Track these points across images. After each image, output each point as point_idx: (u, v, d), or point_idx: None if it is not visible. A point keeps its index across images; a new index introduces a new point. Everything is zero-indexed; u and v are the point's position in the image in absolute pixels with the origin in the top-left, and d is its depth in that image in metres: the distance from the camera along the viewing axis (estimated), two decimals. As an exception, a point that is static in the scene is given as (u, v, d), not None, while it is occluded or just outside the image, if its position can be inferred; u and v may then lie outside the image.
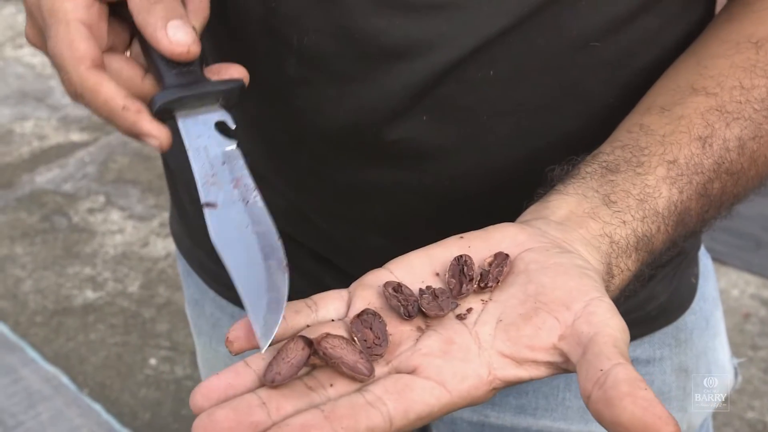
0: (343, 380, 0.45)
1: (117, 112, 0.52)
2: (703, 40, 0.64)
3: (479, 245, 0.52)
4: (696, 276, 0.82)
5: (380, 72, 0.61)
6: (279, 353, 0.45)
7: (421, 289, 0.49)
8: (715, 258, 1.01)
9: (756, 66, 0.60)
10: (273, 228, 0.50)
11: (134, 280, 2.37)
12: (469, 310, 0.49)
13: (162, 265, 2.42)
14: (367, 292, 0.50)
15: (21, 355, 2.13)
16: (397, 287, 0.49)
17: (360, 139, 0.64)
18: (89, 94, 0.52)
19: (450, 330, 0.47)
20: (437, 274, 0.51)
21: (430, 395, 0.44)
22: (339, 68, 0.62)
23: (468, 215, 0.60)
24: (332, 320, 0.49)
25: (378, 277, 0.50)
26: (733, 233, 2.33)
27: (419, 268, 0.51)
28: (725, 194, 0.60)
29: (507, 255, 0.50)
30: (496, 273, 0.49)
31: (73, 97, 0.54)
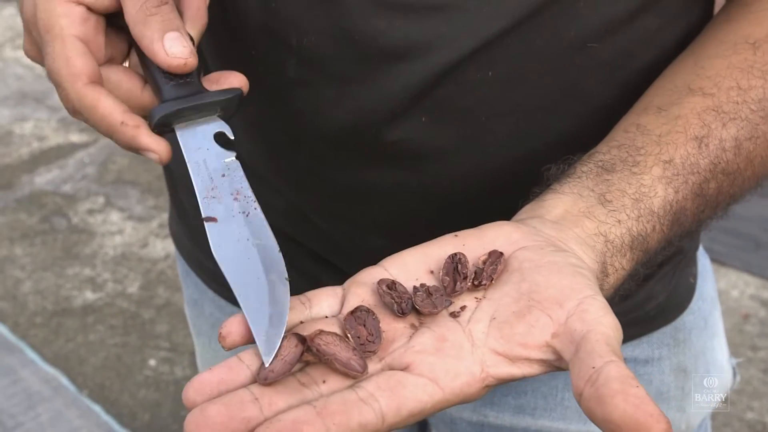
0: (336, 377, 0.45)
1: (116, 128, 0.52)
2: (700, 40, 0.64)
3: (474, 243, 0.52)
4: (694, 276, 0.82)
5: (380, 73, 0.61)
6: (273, 350, 0.45)
7: (415, 287, 0.49)
8: (714, 259, 1.01)
9: (753, 67, 0.60)
10: (273, 241, 0.50)
11: (134, 281, 2.37)
12: (463, 308, 0.49)
13: (161, 266, 2.42)
14: (361, 289, 0.50)
15: (20, 356, 2.13)
16: (391, 284, 0.49)
17: (359, 140, 0.64)
18: (87, 111, 0.52)
19: (443, 327, 0.47)
20: (431, 272, 0.51)
21: (422, 392, 0.44)
22: (338, 69, 0.62)
23: (467, 215, 0.60)
24: (326, 317, 0.49)
25: (372, 274, 0.50)
26: (732, 234, 2.33)
27: (413, 265, 0.51)
28: (721, 194, 0.60)
29: (501, 253, 0.50)
30: (490, 271, 0.50)
31: (71, 112, 0.54)
